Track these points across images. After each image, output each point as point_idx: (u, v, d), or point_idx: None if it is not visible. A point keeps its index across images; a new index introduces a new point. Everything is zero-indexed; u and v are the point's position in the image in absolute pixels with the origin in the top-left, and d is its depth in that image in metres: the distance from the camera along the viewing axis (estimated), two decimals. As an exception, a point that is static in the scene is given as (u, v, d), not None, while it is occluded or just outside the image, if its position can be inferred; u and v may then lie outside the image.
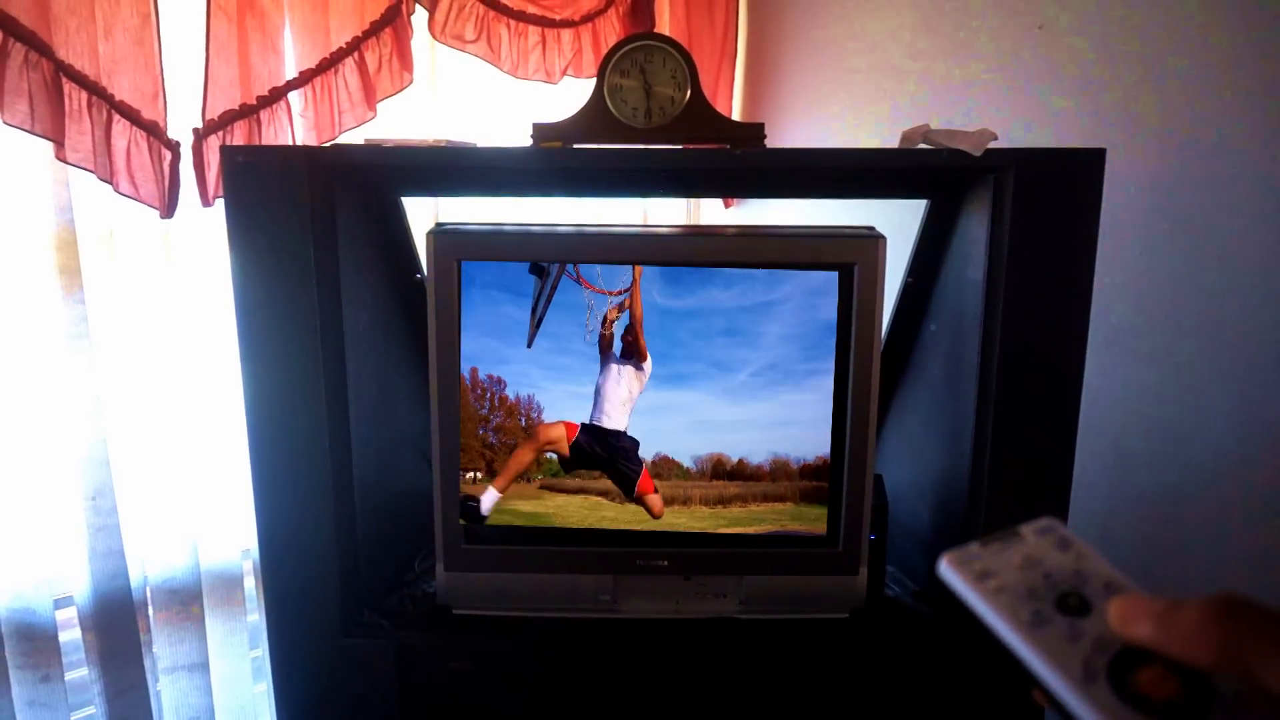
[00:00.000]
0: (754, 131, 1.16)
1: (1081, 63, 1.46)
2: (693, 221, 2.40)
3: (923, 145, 1.12)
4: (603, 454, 1.19)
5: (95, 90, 1.43)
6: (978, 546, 0.44)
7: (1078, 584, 0.42)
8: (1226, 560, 1.32)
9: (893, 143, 1.15)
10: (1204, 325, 1.32)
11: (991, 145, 1.08)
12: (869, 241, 1.13)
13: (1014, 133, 1.53)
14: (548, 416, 1.19)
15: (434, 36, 1.82)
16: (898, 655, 1.22)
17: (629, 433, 1.18)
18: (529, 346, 1.17)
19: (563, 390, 1.18)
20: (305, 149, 1.51)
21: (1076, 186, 1.09)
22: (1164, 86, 1.35)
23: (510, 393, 1.18)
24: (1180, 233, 1.35)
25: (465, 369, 1.17)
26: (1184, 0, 1.32)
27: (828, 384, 1.16)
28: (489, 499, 1.20)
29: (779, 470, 1.19)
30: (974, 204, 1.17)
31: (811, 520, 1.19)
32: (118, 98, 1.45)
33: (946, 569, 0.43)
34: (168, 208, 1.54)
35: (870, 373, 1.15)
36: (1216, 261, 1.30)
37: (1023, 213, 1.09)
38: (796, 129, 2.17)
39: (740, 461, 1.19)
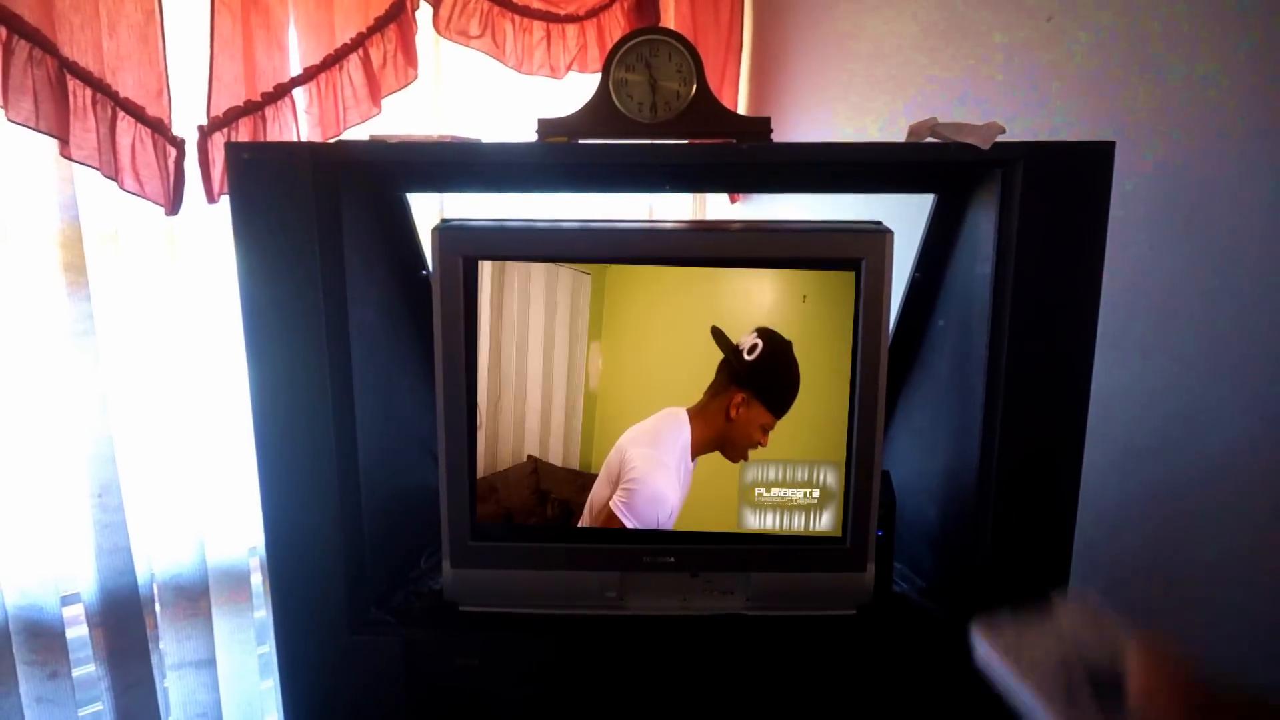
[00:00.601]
0: (760, 126, 1.16)
1: (1091, 55, 1.45)
2: (699, 217, 2.39)
3: (930, 139, 1.11)
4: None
5: (100, 87, 1.42)
6: (1009, 617, 0.43)
7: (1110, 661, 0.40)
8: (1235, 555, 1.32)
9: (900, 137, 1.14)
10: (1213, 319, 1.32)
11: (1000, 139, 1.07)
12: (876, 236, 1.13)
13: (1022, 126, 1.52)
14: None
15: (438, 32, 1.81)
16: (905, 652, 1.21)
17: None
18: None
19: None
20: (310, 145, 1.51)
21: (1086, 180, 1.08)
22: (1173, 80, 1.34)
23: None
24: (1189, 226, 1.34)
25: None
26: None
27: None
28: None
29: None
30: (982, 198, 1.16)
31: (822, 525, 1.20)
32: (122, 95, 1.45)
33: (977, 639, 0.42)
34: (172, 205, 1.54)
35: (878, 369, 1.14)
36: (1225, 255, 1.29)
37: (1031, 207, 1.08)
38: (802, 123, 2.16)
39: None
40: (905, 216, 1.26)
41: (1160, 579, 1.42)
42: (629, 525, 1.18)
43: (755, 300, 1.15)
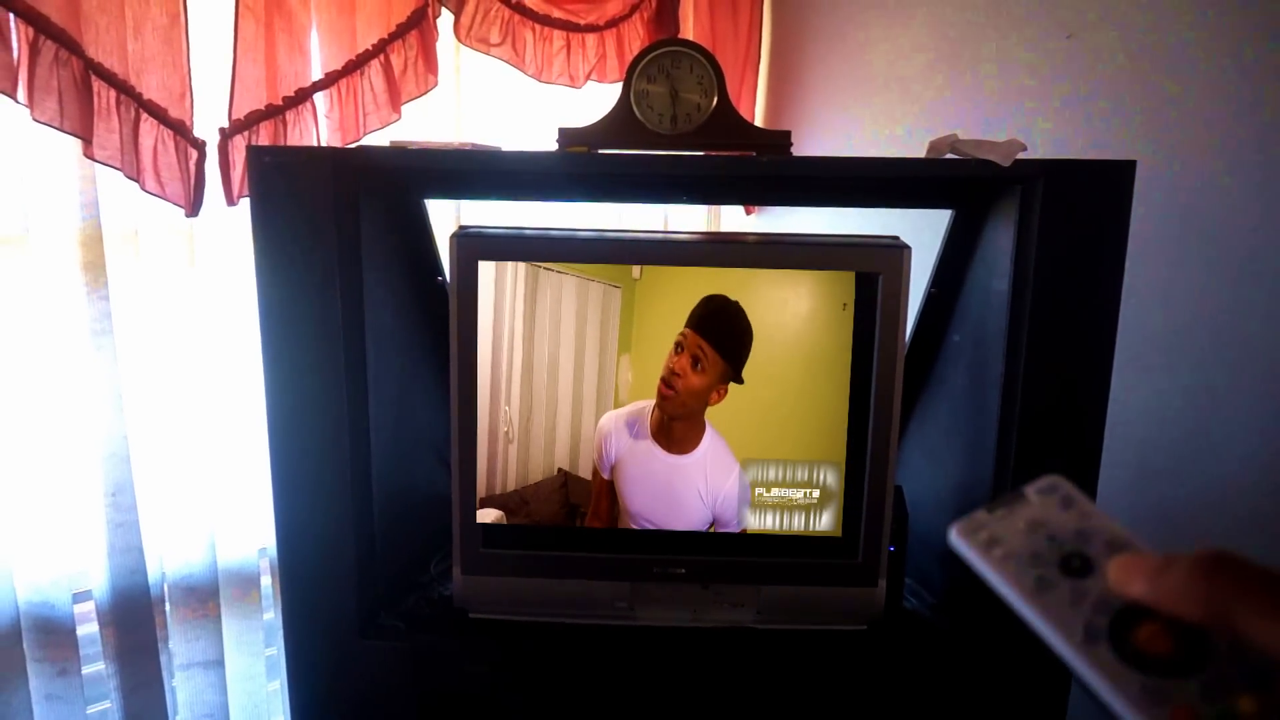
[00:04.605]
0: (780, 139, 1.16)
1: (1111, 73, 1.45)
2: (714, 228, 2.39)
3: (950, 155, 1.11)
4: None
5: (124, 88, 1.44)
6: (984, 513, 0.44)
7: (1080, 544, 0.42)
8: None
9: (916, 151, 1.14)
10: (1231, 338, 1.31)
11: (1020, 156, 1.07)
12: (894, 251, 1.12)
13: (1041, 143, 1.52)
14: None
15: (459, 39, 1.82)
16: (916, 668, 1.21)
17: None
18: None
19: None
20: (330, 150, 1.52)
21: (1106, 198, 1.08)
22: (1193, 98, 1.33)
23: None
24: (1207, 244, 1.33)
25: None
26: (1215, 10, 1.30)
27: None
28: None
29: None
30: (1000, 214, 1.16)
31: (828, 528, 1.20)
32: (146, 96, 1.46)
33: (956, 539, 0.43)
34: (193, 206, 1.55)
35: (893, 383, 1.14)
36: (1243, 274, 1.29)
37: (1050, 224, 1.08)
38: (819, 136, 2.16)
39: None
40: (920, 230, 1.26)
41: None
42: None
43: (791, 309, 1.14)
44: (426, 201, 1.39)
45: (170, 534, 1.67)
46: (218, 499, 1.72)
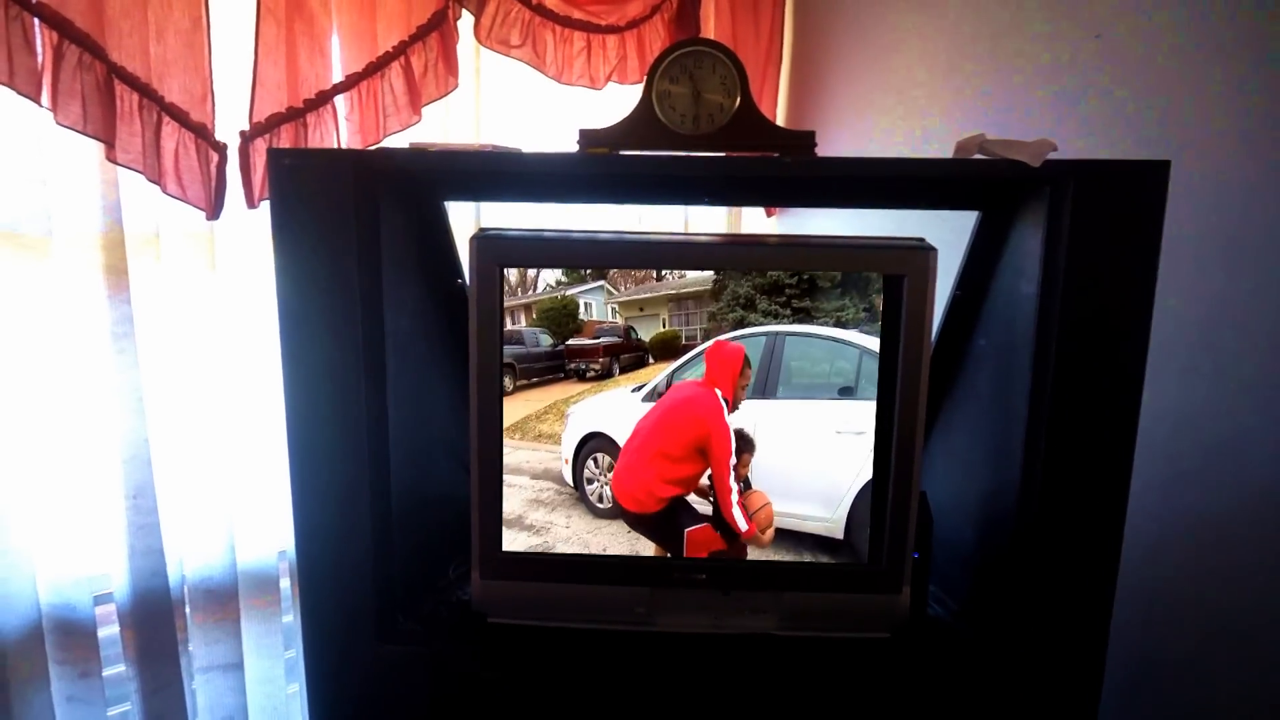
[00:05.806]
0: (805, 140, 1.14)
1: (1140, 72, 1.42)
2: (734, 229, 2.37)
3: (978, 155, 1.09)
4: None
5: (146, 92, 1.44)
6: None
7: None
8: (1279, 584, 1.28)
9: (939, 152, 1.12)
10: (1263, 342, 1.28)
11: (1050, 156, 1.05)
12: (919, 253, 1.11)
13: (1070, 143, 1.49)
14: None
15: (480, 41, 1.82)
16: (940, 677, 1.18)
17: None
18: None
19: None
20: (350, 152, 1.52)
21: (1138, 200, 1.05)
22: (1223, 97, 1.31)
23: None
24: (1239, 245, 1.30)
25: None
26: (1244, 8, 1.27)
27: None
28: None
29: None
30: (1028, 216, 1.14)
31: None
32: (168, 100, 1.47)
33: None
34: (214, 209, 1.55)
35: (918, 388, 1.12)
36: (1275, 275, 1.26)
37: (1081, 226, 1.05)
38: (842, 136, 2.14)
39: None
40: (943, 231, 1.24)
41: (1201, 608, 1.38)
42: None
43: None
44: (446, 204, 1.39)
45: (191, 536, 1.68)
46: (238, 502, 1.72)
